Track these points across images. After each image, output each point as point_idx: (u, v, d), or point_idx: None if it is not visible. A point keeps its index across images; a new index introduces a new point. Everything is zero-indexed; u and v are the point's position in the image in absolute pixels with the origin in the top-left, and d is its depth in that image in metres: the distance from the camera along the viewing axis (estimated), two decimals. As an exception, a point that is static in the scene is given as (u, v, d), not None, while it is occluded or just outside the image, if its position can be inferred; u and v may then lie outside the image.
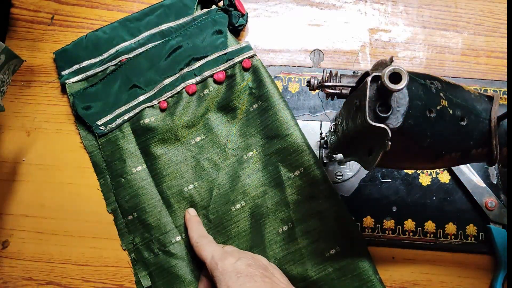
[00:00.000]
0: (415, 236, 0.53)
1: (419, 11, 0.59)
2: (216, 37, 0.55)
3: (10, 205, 0.55)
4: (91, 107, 0.56)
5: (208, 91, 0.54)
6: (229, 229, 0.52)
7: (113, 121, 0.55)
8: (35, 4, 0.60)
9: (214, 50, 0.55)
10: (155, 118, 0.54)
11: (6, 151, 0.57)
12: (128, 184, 0.54)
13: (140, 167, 0.54)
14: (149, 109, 0.54)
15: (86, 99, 0.56)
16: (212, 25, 0.56)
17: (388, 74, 0.28)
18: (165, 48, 0.56)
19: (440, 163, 0.36)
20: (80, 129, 0.56)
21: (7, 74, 0.53)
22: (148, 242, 0.53)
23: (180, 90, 0.54)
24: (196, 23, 0.56)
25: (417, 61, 0.58)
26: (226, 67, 0.54)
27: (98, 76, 0.57)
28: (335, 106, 0.56)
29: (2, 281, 0.54)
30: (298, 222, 0.51)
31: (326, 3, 0.60)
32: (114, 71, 0.56)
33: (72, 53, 0.58)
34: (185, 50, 0.55)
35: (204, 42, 0.55)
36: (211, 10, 0.57)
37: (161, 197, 0.54)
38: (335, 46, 0.59)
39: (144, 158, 0.54)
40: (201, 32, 0.56)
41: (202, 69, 0.55)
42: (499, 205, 0.52)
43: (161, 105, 0.54)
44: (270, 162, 0.53)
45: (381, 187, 0.54)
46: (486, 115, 0.35)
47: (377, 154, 0.32)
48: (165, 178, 0.54)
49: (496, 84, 0.56)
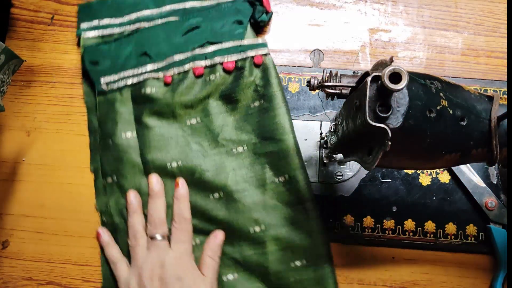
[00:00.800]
0: (415, 236, 0.53)
1: (419, 11, 0.59)
2: (235, 26, 0.55)
3: (10, 205, 0.55)
4: (99, 63, 0.56)
5: (214, 77, 0.54)
6: (202, 214, 0.52)
7: (116, 82, 0.55)
8: (35, 4, 0.60)
9: (230, 38, 0.55)
10: (157, 90, 0.54)
11: (6, 151, 0.57)
12: (115, 147, 0.54)
13: (130, 133, 0.54)
14: (154, 80, 0.54)
15: (96, 55, 0.56)
16: (235, 14, 0.56)
17: (388, 74, 0.28)
18: (184, 25, 0.56)
19: (440, 163, 0.36)
20: (84, 83, 0.57)
21: (7, 74, 0.53)
22: (121, 209, 0.53)
23: (188, 70, 0.54)
24: (220, 8, 0.56)
25: (417, 61, 0.58)
26: (237, 58, 0.54)
27: (114, 36, 0.57)
28: (335, 106, 0.56)
29: (2, 281, 0.54)
30: (270, 227, 0.51)
31: (326, 3, 0.60)
32: (129, 35, 0.56)
33: (95, 8, 0.58)
34: (202, 32, 0.55)
35: (222, 28, 0.55)
36: None
37: (143, 167, 0.54)
38: (335, 46, 0.59)
39: (136, 126, 0.54)
40: (222, 18, 0.56)
41: (213, 54, 0.54)
42: (499, 205, 0.52)
43: (166, 79, 0.54)
44: (258, 162, 0.53)
45: (381, 187, 0.54)
46: (486, 115, 0.35)
47: (377, 154, 0.32)
48: (151, 149, 0.53)
49: (496, 84, 0.56)
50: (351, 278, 0.53)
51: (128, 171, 0.53)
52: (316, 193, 0.54)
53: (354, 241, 0.54)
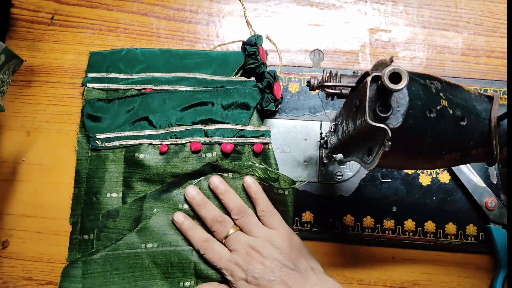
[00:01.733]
0: (415, 236, 0.53)
1: (419, 11, 0.59)
2: (240, 110, 0.54)
3: (10, 205, 0.55)
4: (99, 119, 0.56)
5: (211, 155, 0.53)
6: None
7: (111, 141, 0.54)
8: (35, 4, 0.60)
9: (234, 121, 0.54)
10: (150, 157, 0.53)
11: (6, 151, 0.57)
12: (98, 205, 0.53)
13: (115, 194, 0.54)
14: (149, 146, 0.54)
15: (96, 110, 0.56)
16: (243, 97, 0.55)
17: (388, 74, 0.28)
18: (190, 98, 0.55)
19: (440, 163, 0.36)
20: (80, 133, 0.56)
21: (7, 74, 0.53)
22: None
23: (185, 143, 0.53)
24: (229, 88, 0.55)
25: (417, 61, 0.58)
26: (237, 142, 0.53)
27: (118, 93, 0.57)
28: (335, 106, 0.56)
29: (2, 281, 0.54)
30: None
31: (326, 3, 0.60)
32: (134, 96, 0.56)
33: (106, 59, 0.58)
34: (207, 109, 0.55)
35: (228, 110, 0.55)
36: (248, 82, 0.56)
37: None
38: (335, 46, 0.59)
39: (123, 188, 0.54)
40: (229, 98, 0.55)
41: (214, 133, 0.53)
42: (499, 205, 0.52)
43: (161, 148, 0.53)
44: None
45: (381, 187, 0.54)
46: (486, 115, 0.35)
47: (377, 154, 0.32)
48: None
49: (496, 84, 0.56)
50: (351, 278, 0.53)
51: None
52: (316, 193, 0.54)
53: (354, 241, 0.54)
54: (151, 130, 0.54)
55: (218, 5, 0.61)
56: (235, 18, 0.60)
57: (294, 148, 0.55)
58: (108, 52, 0.58)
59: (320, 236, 0.54)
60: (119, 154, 0.54)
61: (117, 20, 0.60)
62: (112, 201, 0.53)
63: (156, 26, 0.60)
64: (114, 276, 0.51)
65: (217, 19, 0.60)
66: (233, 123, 0.54)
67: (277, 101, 0.55)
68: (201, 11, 0.60)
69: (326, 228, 0.54)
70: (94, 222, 0.53)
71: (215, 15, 0.60)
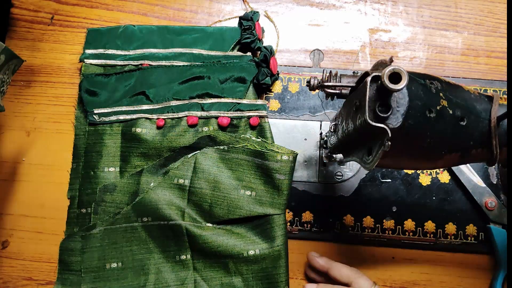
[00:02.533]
0: (415, 236, 0.53)
1: (419, 11, 0.59)
2: (237, 84, 0.55)
3: (10, 205, 0.55)
4: (96, 94, 0.56)
5: (207, 129, 0.54)
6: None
7: (108, 116, 0.55)
8: (35, 4, 0.60)
9: (230, 95, 0.55)
10: (147, 131, 0.54)
11: (6, 151, 0.57)
12: (95, 179, 0.54)
13: (112, 168, 0.54)
14: (146, 120, 0.54)
15: (94, 85, 0.56)
16: (239, 71, 0.55)
17: (388, 74, 0.28)
18: (187, 72, 0.56)
19: (440, 163, 0.36)
20: (77, 109, 0.57)
21: (7, 74, 0.53)
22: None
23: (182, 117, 0.54)
24: (225, 62, 0.56)
25: (417, 61, 0.58)
26: (233, 115, 0.54)
27: (116, 68, 0.57)
28: (335, 106, 0.56)
29: (2, 281, 0.54)
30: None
31: (326, 3, 0.60)
32: (132, 71, 0.56)
33: (103, 36, 0.58)
34: (204, 83, 0.55)
35: (224, 83, 0.55)
36: (244, 56, 0.56)
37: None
38: (335, 46, 0.59)
39: (121, 162, 0.54)
40: (226, 73, 0.55)
41: (210, 107, 0.54)
42: (499, 205, 0.52)
43: (158, 122, 0.54)
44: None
45: (381, 187, 0.54)
46: (486, 115, 0.35)
47: (377, 154, 0.32)
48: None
49: (496, 84, 0.56)
50: (351, 278, 0.53)
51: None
52: (316, 193, 0.54)
53: (354, 241, 0.54)
54: (148, 105, 0.55)
55: (218, 5, 0.61)
56: (235, 18, 0.60)
57: (294, 148, 0.55)
58: (105, 29, 0.58)
59: (320, 236, 0.54)
60: (116, 129, 0.55)
61: (117, 20, 0.60)
62: (110, 175, 0.54)
63: (156, 26, 0.60)
64: (112, 249, 0.51)
65: (217, 19, 0.60)
66: (229, 97, 0.55)
67: (273, 76, 0.55)
68: (201, 11, 0.60)
69: (326, 228, 0.54)
70: (92, 196, 0.53)
71: (215, 15, 0.60)
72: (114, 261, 0.51)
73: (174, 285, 0.51)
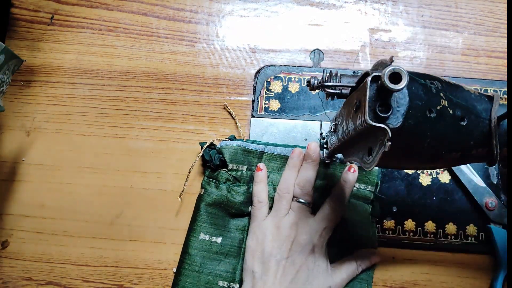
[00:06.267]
0: (415, 236, 0.53)
1: (419, 11, 0.59)
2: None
3: (10, 205, 0.55)
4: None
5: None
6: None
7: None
8: (35, 4, 0.60)
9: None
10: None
11: (6, 151, 0.57)
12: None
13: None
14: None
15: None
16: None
17: (388, 74, 0.28)
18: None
19: (440, 163, 0.36)
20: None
21: (7, 74, 0.53)
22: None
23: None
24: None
25: (417, 61, 0.58)
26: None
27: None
28: (335, 106, 0.56)
29: (2, 281, 0.54)
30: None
31: (326, 3, 0.60)
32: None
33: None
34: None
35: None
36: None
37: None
38: (335, 46, 0.59)
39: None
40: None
41: None
42: (500, 205, 0.52)
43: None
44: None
45: (381, 187, 0.54)
46: (486, 115, 0.35)
47: (377, 154, 0.32)
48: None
49: (496, 84, 0.56)
50: (351, 278, 0.53)
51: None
52: (316, 193, 0.54)
53: (354, 241, 0.54)
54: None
55: (218, 5, 0.61)
56: (235, 18, 0.60)
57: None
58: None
59: (320, 236, 0.54)
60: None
61: (117, 20, 0.60)
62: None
63: (156, 26, 0.60)
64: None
65: (217, 19, 0.60)
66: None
67: None
68: (201, 11, 0.60)
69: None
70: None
71: (215, 15, 0.60)
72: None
73: None
